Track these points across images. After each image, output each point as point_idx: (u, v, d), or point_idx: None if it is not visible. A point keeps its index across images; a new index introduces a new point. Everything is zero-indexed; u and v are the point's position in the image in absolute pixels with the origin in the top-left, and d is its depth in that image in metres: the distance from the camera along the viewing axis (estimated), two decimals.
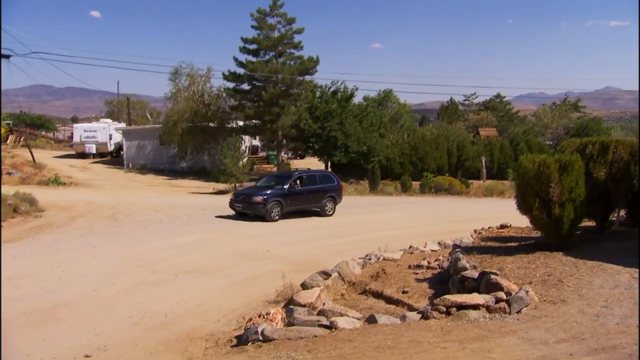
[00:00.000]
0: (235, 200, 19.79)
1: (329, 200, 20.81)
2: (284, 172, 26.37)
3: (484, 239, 10.86)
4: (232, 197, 20.42)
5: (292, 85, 36.19)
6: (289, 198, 19.65)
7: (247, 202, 19.17)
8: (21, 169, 32.22)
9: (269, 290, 9.17)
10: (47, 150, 47.74)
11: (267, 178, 22.32)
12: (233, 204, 19.73)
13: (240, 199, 19.53)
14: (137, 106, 66.56)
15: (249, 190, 20.49)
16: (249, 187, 21.99)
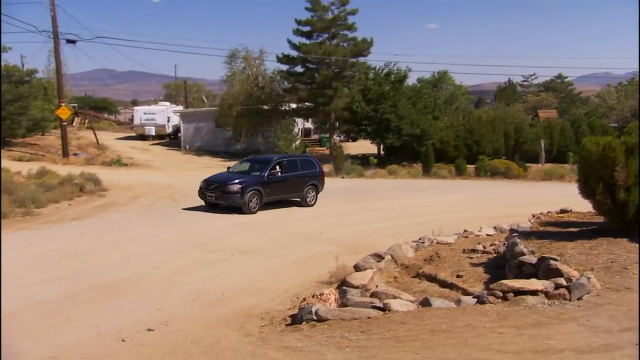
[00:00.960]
0: (206, 188, 16.90)
1: (310, 188, 18.34)
2: (261, 155, 22.26)
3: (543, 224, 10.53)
4: (202, 184, 17.20)
5: (345, 67, 36.02)
6: (268, 186, 17.04)
7: (220, 190, 16.44)
8: (86, 150, 33.66)
9: (321, 272, 9.27)
10: (110, 132, 49.61)
11: (241, 162, 19.31)
12: (204, 193, 16.93)
13: (212, 188, 16.72)
14: (193, 89, 68.06)
15: (222, 177, 17.41)
16: (222, 173, 18.51)
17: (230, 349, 5.68)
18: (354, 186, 24.54)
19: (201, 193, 17.03)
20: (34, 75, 34.59)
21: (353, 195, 21.19)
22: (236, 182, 16.47)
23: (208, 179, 17.44)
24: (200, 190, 17.08)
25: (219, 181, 16.88)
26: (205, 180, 17.37)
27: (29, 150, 31.59)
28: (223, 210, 16.22)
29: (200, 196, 17.07)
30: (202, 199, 17.05)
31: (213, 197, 16.59)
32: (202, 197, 17.02)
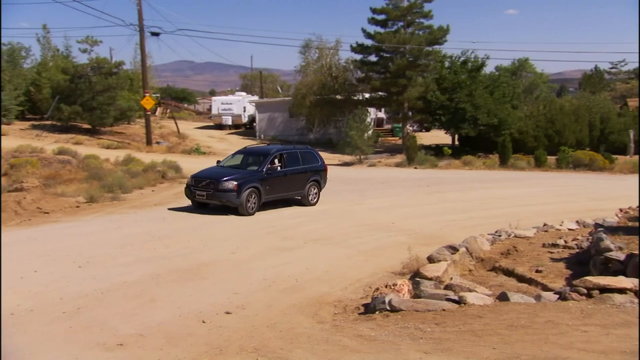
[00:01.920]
0: (195, 186, 14.52)
1: (312, 185, 16.20)
2: (256, 147, 19.06)
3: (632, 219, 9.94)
4: (189, 181, 14.97)
5: (420, 55, 35.43)
6: (267, 183, 14.82)
7: (213, 188, 14.12)
8: (167, 139, 35.19)
9: (394, 262, 9.23)
10: (189, 121, 51.54)
11: (233, 155, 16.76)
12: (192, 191, 14.55)
13: (202, 185, 14.37)
14: (268, 79, 69.32)
15: (214, 172, 14.93)
16: (212, 168, 15.92)
17: (304, 335, 5.80)
18: (427, 177, 24.17)
19: (189, 191, 14.65)
20: (121, 67, 36.48)
21: (426, 186, 20.88)
22: (231, 178, 14.18)
23: (197, 174, 15.09)
24: (188, 188, 14.74)
25: (210, 177, 14.45)
26: (193, 176, 15.00)
27: (116, 138, 33.43)
28: (270, 205, 15.74)
29: (188, 195, 14.73)
30: (190, 198, 14.74)
31: (203, 196, 14.26)
32: (190, 195, 14.65)
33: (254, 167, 15.13)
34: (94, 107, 32.66)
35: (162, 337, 5.87)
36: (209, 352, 5.43)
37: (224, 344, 5.68)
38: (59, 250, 9.90)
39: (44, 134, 30.99)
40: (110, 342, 5.68)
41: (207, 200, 14.40)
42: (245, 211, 14.11)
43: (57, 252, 9.80)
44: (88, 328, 6.07)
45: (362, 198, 17.73)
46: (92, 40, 33.81)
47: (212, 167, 16.06)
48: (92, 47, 33.83)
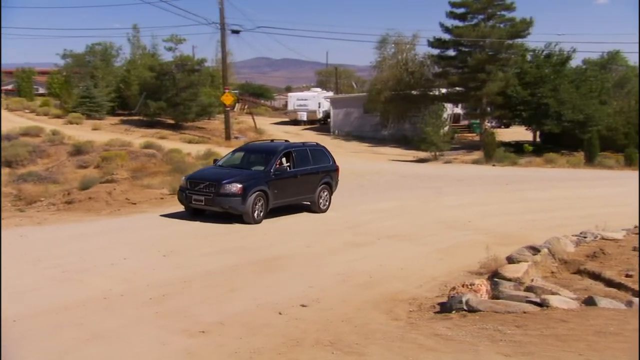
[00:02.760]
0: (191, 189, 12.47)
1: (324, 188, 14.15)
2: (260, 143, 16.27)
3: None
4: (183, 183, 12.88)
5: (500, 49, 34.29)
6: (275, 186, 12.72)
7: (213, 192, 12.07)
8: (246, 134, 36.16)
9: (470, 261, 9.03)
10: (266, 117, 52.66)
11: (233, 152, 14.65)
12: (187, 195, 12.50)
13: (200, 188, 12.33)
14: (343, 75, 69.50)
15: (214, 173, 12.96)
16: (209, 168, 14.12)
17: (379, 332, 5.81)
18: (506, 175, 23.37)
19: (182, 195, 12.62)
20: (204, 64, 37.85)
21: (505, 184, 20.20)
22: (235, 180, 12.16)
23: (193, 175, 13.15)
24: (182, 191, 12.69)
25: (209, 179, 12.42)
26: (188, 177, 12.93)
27: (197, 133, 34.74)
28: (365, 195, 15.79)
29: (181, 199, 12.75)
30: (184, 203, 12.74)
31: (201, 201, 12.24)
32: (184, 200, 12.63)
33: (259, 167, 13.05)
34: (178, 103, 34.11)
35: (241, 327, 6.08)
36: (286, 343, 5.57)
37: (301, 336, 5.80)
38: (145, 240, 10.48)
39: (132, 128, 32.76)
40: (193, 328, 5.95)
41: (206, 207, 12.30)
42: (252, 219, 12.05)
43: (144, 241, 10.38)
44: (173, 314, 6.39)
45: (438, 195, 17.43)
46: (177, 39, 35.32)
47: (209, 167, 14.19)
48: (177, 46, 35.35)
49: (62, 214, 14.00)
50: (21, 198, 15.83)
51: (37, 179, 18.27)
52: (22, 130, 26.39)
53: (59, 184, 17.80)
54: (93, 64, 40.64)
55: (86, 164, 20.44)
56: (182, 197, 12.72)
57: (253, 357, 5.16)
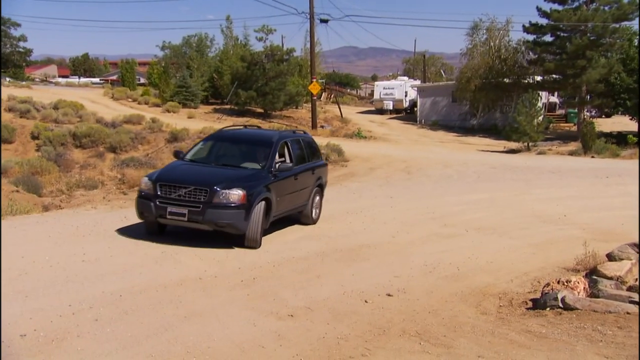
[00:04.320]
0: (162, 197, 8.65)
1: (317, 192, 11.18)
2: (242, 131, 11.41)
3: None
4: (147, 186, 8.90)
5: (604, 34, 32.10)
6: (276, 191, 9.36)
7: (203, 202, 8.45)
8: (331, 123, 36.49)
9: (565, 257, 8.61)
10: (352, 106, 52.79)
11: (205, 141, 10.78)
12: (156, 205, 8.62)
13: (178, 196, 8.60)
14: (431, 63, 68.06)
15: (195, 173, 9.24)
16: (177, 164, 9.88)
17: (468, 325, 5.71)
18: (606, 167, 21.94)
19: (147, 206, 8.69)
20: (292, 54, 38.53)
21: (605, 177, 18.98)
22: (235, 184, 8.59)
23: (164, 176, 8.99)
24: (145, 199, 8.76)
25: (194, 182, 8.65)
26: (157, 179, 8.86)
27: (285, 122, 35.51)
28: (452, 186, 15.22)
29: (143, 211, 8.81)
30: (147, 217, 8.86)
31: (183, 215, 8.44)
32: (149, 213, 8.69)
33: (250, 163, 9.51)
34: (267, 92, 35.00)
35: (327, 312, 6.20)
36: (372, 331, 5.61)
37: (387, 325, 5.81)
38: None
39: (224, 117, 34.03)
40: (282, 312, 6.14)
41: (188, 223, 8.50)
42: (257, 241, 8.76)
43: None
44: (262, 297, 6.62)
45: (530, 187, 16.70)
46: (267, 29, 36.27)
47: (176, 162, 10.00)
48: (267, 36, 36.33)
49: None
50: (124, 182, 16.95)
51: (138, 164, 19.50)
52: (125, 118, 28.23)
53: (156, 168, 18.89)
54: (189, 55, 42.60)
55: None
56: (146, 208, 8.60)
57: (340, 343, 5.25)
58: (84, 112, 29.08)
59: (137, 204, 8.92)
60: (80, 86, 52.00)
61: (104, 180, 17.88)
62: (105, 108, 33.71)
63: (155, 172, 9.51)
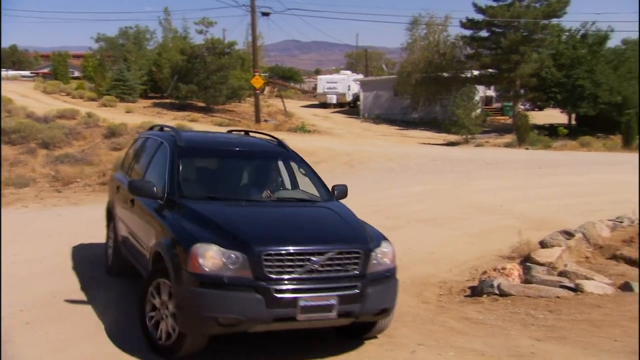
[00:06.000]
0: (277, 281, 4.25)
1: None
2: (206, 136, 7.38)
3: None
4: (219, 264, 4.25)
5: (535, 30, 33.44)
6: None
7: (347, 276, 4.49)
8: (275, 117, 36.31)
9: (502, 246, 8.92)
10: (295, 100, 52.68)
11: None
12: (267, 301, 4.17)
13: (305, 272, 4.34)
14: (373, 57, 68.87)
15: (280, 223, 4.99)
16: (208, 207, 5.01)
17: (409, 314, 5.81)
18: (539, 158, 22.92)
19: (234, 302, 4.20)
20: (234, 47, 37.99)
21: (538, 168, 19.82)
22: (367, 232, 5.12)
23: (256, 236, 4.47)
24: (220, 287, 4.21)
25: (322, 239, 4.71)
26: (252, 243, 4.33)
27: (227, 116, 35.02)
28: (395, 178, 15.28)
29: (222, 312, 4.19)
30: (221, 326, 4.25)
31: (327, 311, 4.36)
32: (252, 314, 4.21)
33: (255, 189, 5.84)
34: (208, 86, 34.38)
35: None
36: None
37: None
38: None
39: (164, 111, 33.21)
40: None
41: (334, 321, 4.57)
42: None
43: None
44: None
45: (468, 179, 17.21)
46: (208, 22, 35.53)
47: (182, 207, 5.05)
48: (207, 28, 35.57)
49: (98, 194, 14.34)
50: (58, 179, 16.28)
51: (73, 160, 18.74)
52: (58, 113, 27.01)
53: (93, 165, 18.24)
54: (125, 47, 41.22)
55: (119, 146, 20.83)
56: (241, 309, 4.24)
57: None
58: (12, 107, 27.64)
59: (198, 300, 4.21)
60: (9, 79, 49.44)
61: (36, 178, 17.08)
62: (37, 102, 32.15)
63: (201, 230, 4.54)
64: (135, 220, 5.75)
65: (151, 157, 6.00)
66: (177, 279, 4.32)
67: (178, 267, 4.32)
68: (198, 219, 4.71)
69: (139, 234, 5.56)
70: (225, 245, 4.26)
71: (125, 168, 6.95)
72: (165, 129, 6.62)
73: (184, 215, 4.82)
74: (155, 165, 5.83)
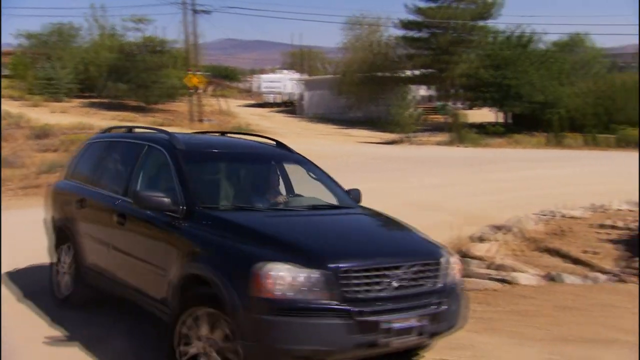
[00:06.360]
0: (360, 302, 3.63)
1: None
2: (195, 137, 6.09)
3: None
4: (293, 283, 3.54)
5: (467, 31, 34.60)
6: None
7: (422, 293, 3.93)
8: (217, 117, 35.80)
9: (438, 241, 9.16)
10: (236, 99, 52.10)
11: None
12: (349, 327, 3.52)
13: (387, 290, 3.77)
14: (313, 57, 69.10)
15: (332, 233, 4.43)
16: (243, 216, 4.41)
17: None
18: (473, 156, 23.78)
19: (309, 329, 3.50)
20: (170, 45, 37.12)
21: (472, 165, 20.56)
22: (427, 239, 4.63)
23: (331, 251, 3.85)
24: (290, 313, 3.50)
25: (395, 251, 4.19)
26: (328, 258, 3.69)
27: (164, 116, 34.18)
28: (335, 178, 15.53)
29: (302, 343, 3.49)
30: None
31: (409, 334, 3.75)
32: (332, 345, 3.52)
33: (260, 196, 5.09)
34: (143, 85, 33.45)
35: None
36: None
37: None
38: None
39: (96, 111, 32.03)
40: None
41: (416, 340, 3.85)
42: None
43: None
44: None
45: (406, 177, 17.59)
46: (142, 19, 34.53)
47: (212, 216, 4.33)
48: (142, 26, 34.58)
49: (20, 198, 13.66)
50: None
51: None
52: None
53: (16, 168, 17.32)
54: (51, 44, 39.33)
55: (46, 148, 19.90)
56: (319, 338, 3.54)
57: None
58: None
59: (269, 330, 3.53)
60: None
61: None
62: None
63: (257, 246, 3.83)
64: (130, 241, 4.78)
65: (135, 165, 5.06)
66: (237, 306, 3.53)
67: (238, 292, 3.54)
68: (243, 232, 3.98)
69: (142, 256, 4.61)
70: (296, 263, 3.56)
71: (83, 178, 5.80)
72: (138, 130, 5.84)
73: (220, 228, 4.07)
74: (148, 173, 5.04)
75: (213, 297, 3.67)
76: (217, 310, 3.66)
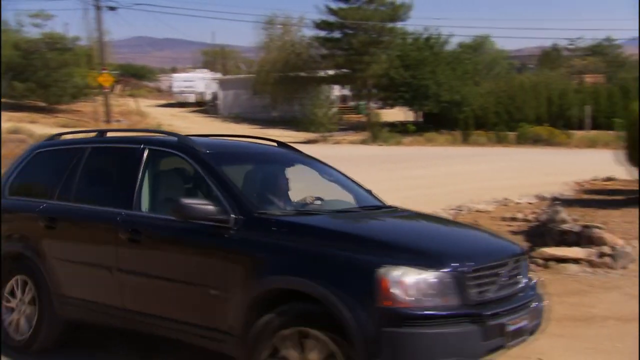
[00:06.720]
0: (487, 304, 3.28)
1: None
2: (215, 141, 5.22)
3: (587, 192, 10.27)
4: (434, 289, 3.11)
5: (382, 32, 35.44)
6: None
7: (518, 291, 3.58)
8: (128, 118, 34.38)
9: None
10: (150, 99, 50.39)
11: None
12: (483, 332, 3.13)
13: (501, 290, 3.43)
14: (230, 56, 68.17)
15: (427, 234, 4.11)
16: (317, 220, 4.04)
17: None
18: (390, 154, 24.37)
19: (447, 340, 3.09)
20: (77, 43, 35.29)
21: (390, 162, 21.06)
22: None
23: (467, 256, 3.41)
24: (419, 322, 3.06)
25: (500, 251, 3.71)
26: (456, 260, 3.25)
27: (73, 116, 32.51)
28: None
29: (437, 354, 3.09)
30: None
31: (522, 334, 3.43)
32: (466, 352, 3.12)
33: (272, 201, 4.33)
34: (49, 84, 31.58)
35: None
36: None
37: None
38: None
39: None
40: None
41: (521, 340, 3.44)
42: None
43: None
44: None
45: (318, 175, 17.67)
46: (45, 14, 32.57)
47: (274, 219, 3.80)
48: (46, 22, 32.61)
49: None
50: None
51: None
52: None
53: None
54: None
55: None
56: (454, 348, 3.12)
57: None
58: None
59: (406, 345, 3.05)
60: None
61: None
62: None
63: (367, 251, 3.26)
64: (151, 260, 4.02)
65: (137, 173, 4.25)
66: (363, 321, 3.03)
67: (362, 305, 3.05)
68: (337, 238, 3.47)
69: (175, 277, 3.83)
70: (420, 266, 3.12)
71: (41, 193, 4.85)
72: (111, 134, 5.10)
73: (305, 235, 3.53)
74: (165, 181, 4.44)
75: (315, 314, 3.19)
76: (323, 329, 3.14)
